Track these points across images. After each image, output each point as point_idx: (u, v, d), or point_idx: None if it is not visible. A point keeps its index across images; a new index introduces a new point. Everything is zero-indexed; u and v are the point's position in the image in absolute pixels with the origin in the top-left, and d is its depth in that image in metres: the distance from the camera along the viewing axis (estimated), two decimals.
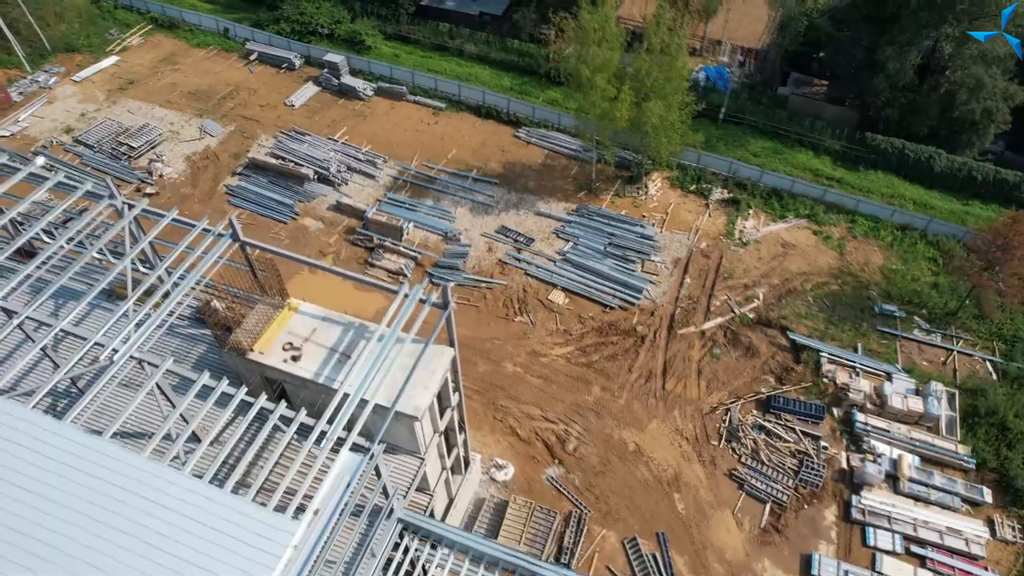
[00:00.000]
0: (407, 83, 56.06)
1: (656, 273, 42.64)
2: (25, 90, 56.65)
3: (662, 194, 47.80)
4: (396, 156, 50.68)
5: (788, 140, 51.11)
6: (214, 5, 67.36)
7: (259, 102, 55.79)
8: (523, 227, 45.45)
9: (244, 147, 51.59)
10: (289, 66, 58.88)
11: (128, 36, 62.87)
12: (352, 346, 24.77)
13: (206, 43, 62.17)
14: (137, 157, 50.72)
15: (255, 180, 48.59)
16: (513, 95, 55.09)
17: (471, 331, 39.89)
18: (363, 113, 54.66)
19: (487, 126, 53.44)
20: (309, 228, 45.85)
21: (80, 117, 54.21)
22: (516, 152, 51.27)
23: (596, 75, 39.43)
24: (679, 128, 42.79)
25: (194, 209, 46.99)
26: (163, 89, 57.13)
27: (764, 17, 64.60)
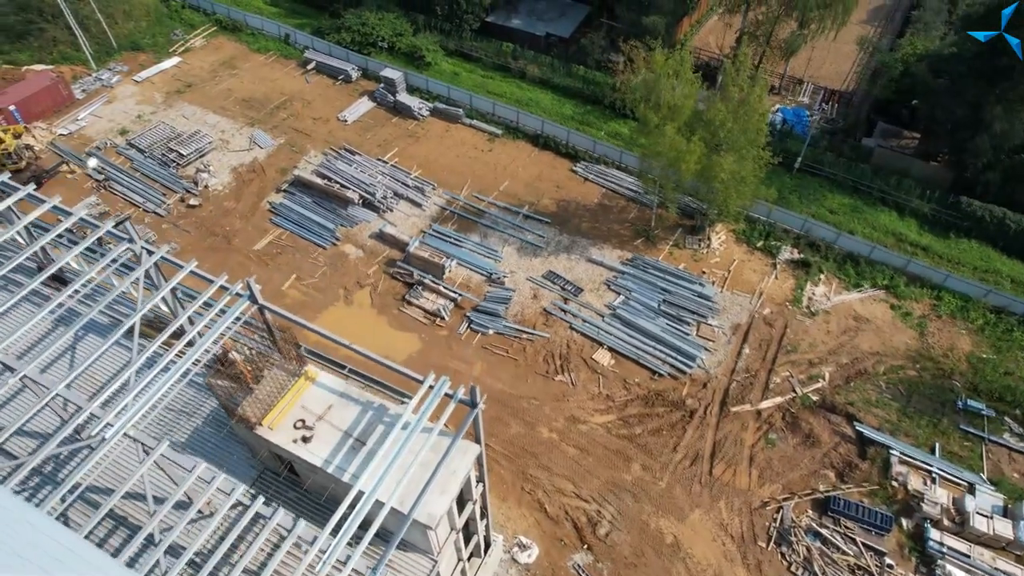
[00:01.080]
0: (464, 105, 53.77)
1: (712, 339, 39.19)
2: (88, 88, 56.63)
3: (726, 249, 44.19)
4: (446, 184, 48.42)
5: (870, 197, 46.74)
6: (278, 9, 66.50)
7: (312, 115, 54.37)
8: (572, 274, 42.56)
9: (292, 162, 50.16)
10: (346, 78, 57.32)
11: (192, 37, 62.43)
12: (368, 431, 22.40)
13: (266, 48, 61.22)
14: (185, 165, 49.86)
15: (299, 199, 47.05)
16: (574, 125, 52.19)
17: (507, 386, 37.29)
18: (416, 134, 52.60)
19: (544, 158, 50.68)
20: (349, 256, 43.99)
21: (136, 119, 53.76)
22: (572, 189, 48.37)
23: (666, 123, 36.22)
24: (751, 182, 39.22)
25: (235, 226, 45.78)
26: (219, 94, 56.30)
27: (852, 55, 59.94)
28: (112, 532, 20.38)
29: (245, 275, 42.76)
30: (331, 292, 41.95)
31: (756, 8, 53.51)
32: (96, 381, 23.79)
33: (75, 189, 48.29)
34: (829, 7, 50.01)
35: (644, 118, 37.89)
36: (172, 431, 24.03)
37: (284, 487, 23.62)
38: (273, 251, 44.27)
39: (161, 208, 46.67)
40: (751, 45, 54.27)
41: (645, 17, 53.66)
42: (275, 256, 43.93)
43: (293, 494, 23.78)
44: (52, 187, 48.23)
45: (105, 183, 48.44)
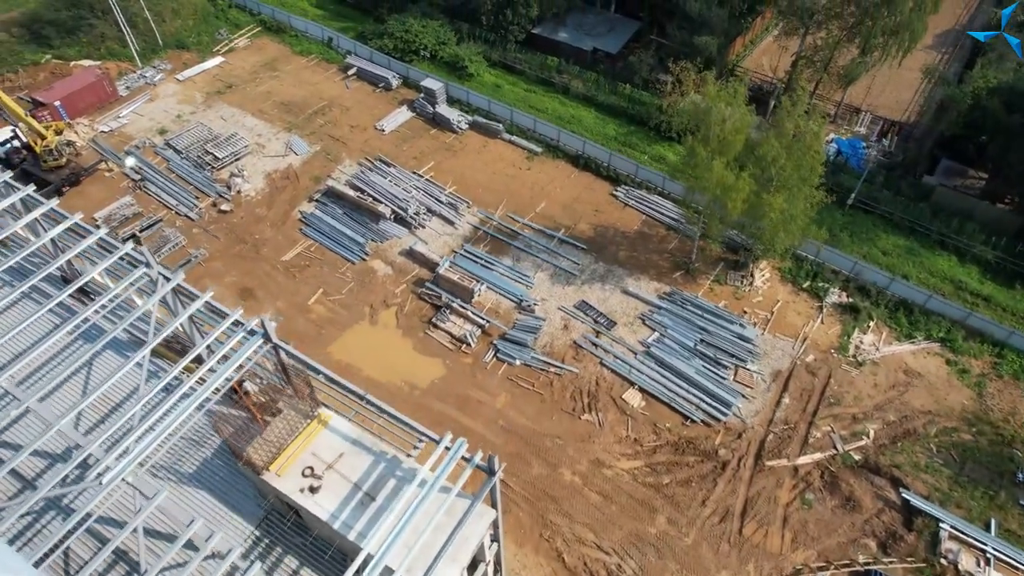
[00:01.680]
0: (504, 120, 52.33)
1: (750, 385, 37.07)
2: (132, 84, 56.75)
3: (770, 287, 41.93)
4: (481, 202, 47.06)
5: (928, 240, 43.96)
6: (323, 12, 65.98)
7: (350, 122, 53.53)
8: (606, 306, 40.80)
9: (326, 171, 49.36)
10: (386, 86, 56.38)
11: (236, 37, 62.24)
12: (379, 485, 21.06)
13: (308, 51, 60.68)
14: (220, 168, 49.44)
15: (331, 210, 46.19)
16: (616, 147, 50.35)
17: (531, 422, 35.76)
18: (454, 148, 51.35)
19: (583, 179, 48.97)
20: (377, 272, 42.93)
21: (175, 119, 53.61)
22: (611, 213, 46.57)
23: (714, 157, 34.22)
24: (801, 221, 36.96)
25: (265, 234, 45.11)
26: (258, 97, 55.87)
27: (915, 84, 56.84)
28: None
29: (273, 286, 42.28)
30: (357, 310, 40.93)
31: (815, 32, 50.93)
32: (101, 409, 22.85)
33: (112, 188, 48.21)
34: (896, 34, 47.24)
35: (691, 151, 35.93)
36: (180, 460, 23.02)
37: (291, 532, 22.47)
38: (301, 263, 43.46)
39: (193, 212, 46.26)
40: (807, 71, 51.75)
41: (697, 37, 51.55)
42: (303, 268, 43.11)
43: (299, 540, 22.59)
44: (89, 185, 48.28)
45: (141, 183, 48.27)
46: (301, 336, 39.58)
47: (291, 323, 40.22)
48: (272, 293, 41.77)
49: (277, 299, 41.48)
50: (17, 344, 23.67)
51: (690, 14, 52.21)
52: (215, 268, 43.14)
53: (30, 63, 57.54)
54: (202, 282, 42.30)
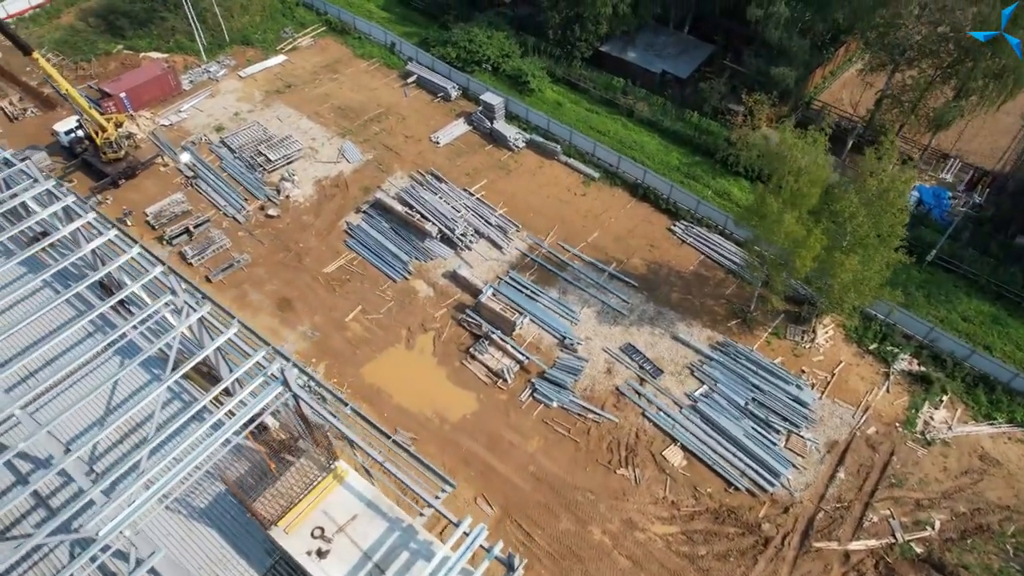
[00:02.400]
0: (563, 141, 50.36)
1: (802, 455, 34.27)
2: (196, 79, 56.99)
3: (832, 347, 38.88)
4: (531, 227, 45.25)
5: (1017, 309, 40.13)
6: (389, 14, 65.20)
7: (405, 131, 52.43)
8: (653, 351, 38.50)
9: (376, 181, 48.35)
10: (444, 96, 55.09)
11: (300, 36, 61.98)
12: (391, 558, 19.60)
13: (370, 55, 59.91)
14: (271, 171, 49.00)
15: (377, 224, 45.11)
16: (678, 178, 47.82)
17: (563, 471, 33.82)
18: (508, 167, 49.68)
19: (640, 210, 46.63)
20: (418, 293, 41.62)
21: (233, 116, 53.51)
22: (666, 250, 44.14)
23: (786, 210, 31.55)
24: (874, 282, 33.93)
25: (309, 243, 44.33)
26: (316, 99, 55.34)
27: (1013, 130, 52.42)
28: None
29: (312, 299, 41.39)
30: (394, 331, 39.70)
31: (905, 70, 47.28)
32: (110, 439, 21.92)
33: (165, 183, 48.27)
34: (999, 78, 43.31)
35: (761, 200, 33.29)
36: (193, 493, 21.95)
37: None
38: (343, 276, 42.50)
39: (240, 214, 45.87)
40: (893, 111, 48.14)
41: (774, 68, 48.52)
42: (343, 282, 42.13)
43: None
44: (145, 178, 48.47)
45: (193, 180, 48.21)
46: (335, 354, 38.59)
47: (327, 339, 39.26)
48: (310, 306, 40.91)
49: (315, 313, 40.59)
50: (43, 345, 22.92)
51: (769, 42, 49.16)
52: (257, 274, 42.55)
53: (103, 53, 58.43)
54: (242, 288, 41.83)
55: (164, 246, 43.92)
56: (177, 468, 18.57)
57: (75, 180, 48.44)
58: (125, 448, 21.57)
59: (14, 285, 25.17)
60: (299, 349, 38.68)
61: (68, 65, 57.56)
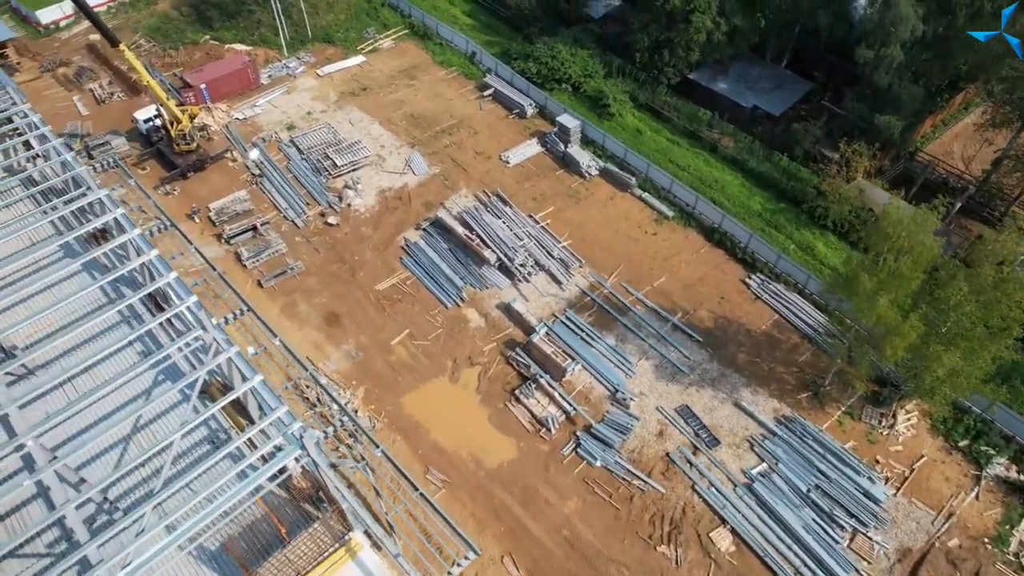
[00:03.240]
0: (639, 173, 47.61)
1: (868, 559, 30.74)
2: (274, 74, 56.95)
3: (914, 437, 34.99)
4: (595, 263, 42.82)
5: None
6: (474, 22, 63.69)
7: (476, 147, 50.76)
8: (711, 417, 35.55)
9: (440, 197, 46.86)
10: (520, 113, 53.14)
11: (382, 38, 61.20)
12: None
13: (449, 63, 58.52)
14: (336, 176, 48.19)
15: (435, 243, 43.61)
16: (759, 225, 44.44)
17: (598, 539, 31.43)
18: (578, 195, 47.31)
19: (713, 256, 43.49)
20: (469, 323, 39.86)
21: (305, 116, 53.09)
22: (738, 304, 40.92)
23: (880, 291, 28.11)
24: (975, 377, 30.03)
25: (365, 256, 43.22)
26: (389, 104, 54.33)
27: None
28: None
29: (360, 316, 40.17)
30: (439, 361, 38.09)
31: None
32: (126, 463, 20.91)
33: (232, 179, 48.17)
34: None
35: (853, 275, 29.89)
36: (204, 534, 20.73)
37: None
38: (394, 296, 41.18)
39: (300, 219, 45.21)
40: (1015, 174, 43.33)
41: (879, 115, 44.39)
42: (394, 302, 40.80)
43: None
44: (213, 172, 48.49)
45: (259, 179, 47.90)
46: (377, 378, 37.29)
47: (370, 361, 38.01)
48: (358, 323, 39.75)
49: (362, 331, 39.40)
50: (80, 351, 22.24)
51: (876, 86, 45.03)
52: (308, 284, 41.72)
53: (190, 42, 59.22)
54: (292, 297, 41.06)
55: (222, 244, 43.67)
56: (185, 527, 17.29)
57: (148, 168, 48.97)
58: (142, 476, 20.55)
59: (66, 283, 24.78)
60: (340, 369, 37.57)
61: (157, 52, 58.56)
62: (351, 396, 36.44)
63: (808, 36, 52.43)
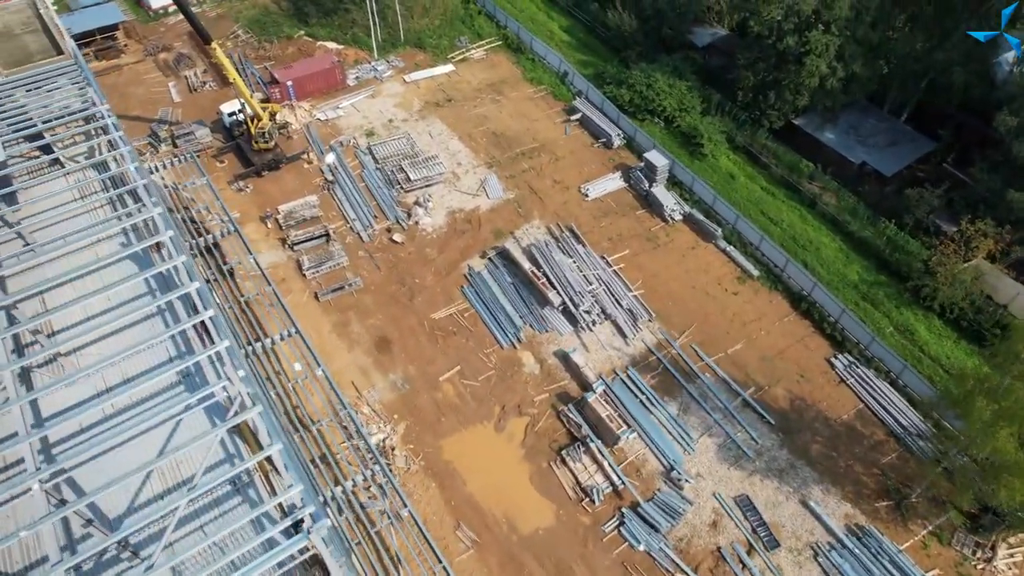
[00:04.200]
0: (726, 224, 44.05)
1: None
2: (362, 76, 56.25)
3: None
4: (666, 319, 39.75)
5: None
6: (570, 39, 61.20)
7: (555, 175, 48.36)
8: (773, 514, 32.06)
9: (511, 225, 44.77)
10: (606, 143, 50.35)
11: (474, 47, 59.57)
12: None
13: (539, 81, 56.28)
14: (408, 191, 46.83)
15: (499, 275, 41.57)
16: (853, 299, 40.26)
17: None
18: (657, 240, 44.20)
19: (798, 328, 39.62)
20: (523, 367, 37.64)
21: (386, 123, 52.05)
22: (819, 386, 37.03)
23: (1001, 422, 24.09)
24: None
25: (426, 280, 41.64)
26: (472, 119, 52.59)
27: None
28: None
29: (412, 344, 38.50)
30: (487, 406, 36.06)
31: None
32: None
33: (305, 181, 47.60)
34: None
35: (967, 396, 25.84)
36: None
37: None
38: (449, 327, 39.40)
39: (366, 232, 44.06)
40: None
41: (1013, 191, 39.28)
42: (448, 335, 39.01)
43: None
44: (287, 172, 48.09)
45: (331, 185, 47.11)
46: (420, 415, 35.60)
47: (415, 396, 36.37)
48: (408, 353, 38.19)
49: (412, 362, 37.82)
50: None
51: (1016, 156, 39.76)
52: (364, 303, 40.49)
53: (285, 36, 59.34)
54: (346, 315, 39.92)
55: (285, 249, 43.02)
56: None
57: (226, 161, 49.03)
58: (155, 507, 19.29)
59: (118, 290, 23.82)
60: (384, 400, 36.09)
61: (252, 44, 58.95)
62: (391, 431, 34.92)
63: (939, 90, 47.25)
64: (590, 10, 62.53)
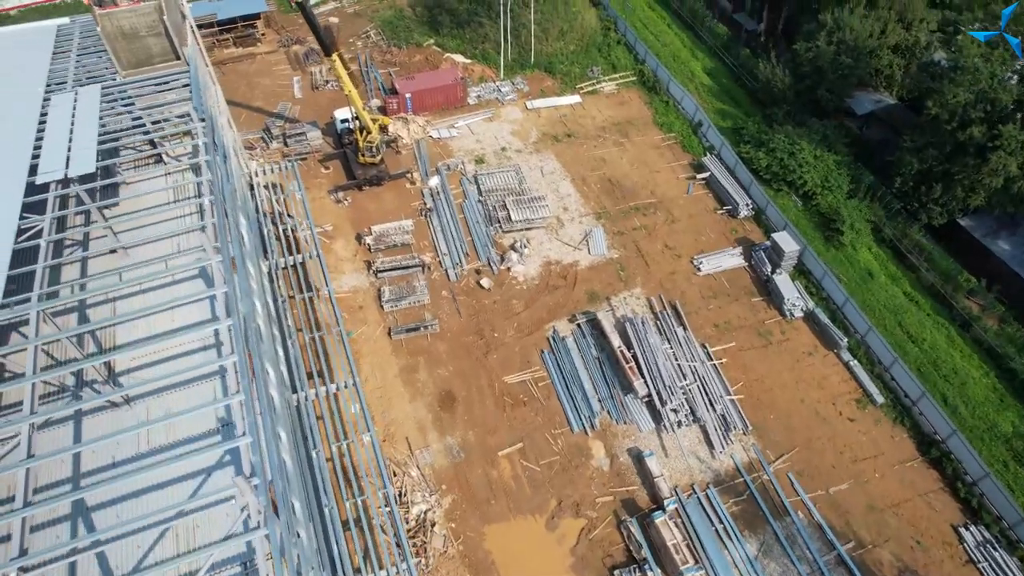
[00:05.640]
0: (855, 335, 38.11)
1: None
2: (483, 96, 53.90)
3: None
4: (763, 435, 34.66)
5: None
6: (712, 84, 56.04)
7: (668, 238, 43.92)
8: None
9: (609, 289, 40.88)
10: (732, 211, 45.26)
11: (606, 80, 55.73)
12: None
13: (669, 127, 51.71)
14: (507, 232, 43.91)
15: (585, 346, 37.86)
16: (1002, 457, 33.62)
17: None
18: (770, 336, 38.93)
19: (923, 479, 33.37)
20: (591, 459, 33.82)
21: (499, 151, 49.36)
22: (937, 561, 30.80)
23: None
24: None
25: (506, 336, 38.59)
26: (589, 161, 48.92)
27: None
28: None
29: (477, 406, 35.45)
30: (543, 496, 32.61)
31: None
32: None
33: (403, 202, 45.76)
34: None
35: None
36: None
37: None
38: (520, 395, 36.19)
39: (454, 270, 41.55)
40: None
41: None
42: (518, 404, 35.81)
43: None
44: (389, 190, 46.50)
45: (429, 211, 44.95)
46: (469, 491, 32.68)
47: (469, 467, 33.48)
48: (472, 415, 35.34)
49: (473, 426, 34.94)
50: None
51: None
52: (436, 350, 37.99)
53: (414, 44, 57.99)
54: (416, 359, 37.59)
55: (369, 273, 41.26)
56: None
57: (331, 168, 48.11)
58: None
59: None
60: (436, 465, 33.42)
61: (381, 47, 57.95)
62: (436, 503, 32.20)
63: None
64: (740, 55, 57.01)
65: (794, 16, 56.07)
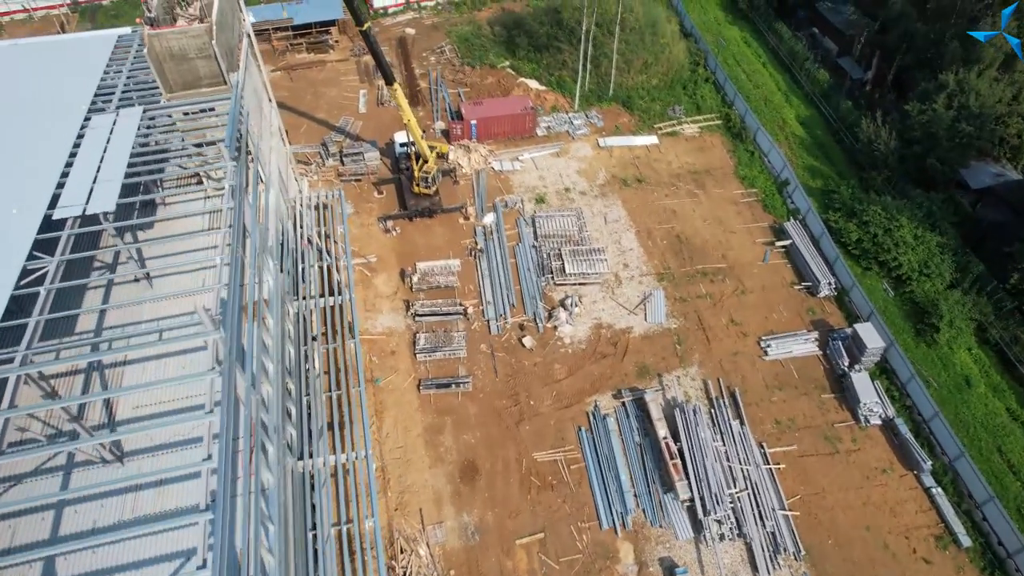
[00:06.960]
0: (942, 458, 33.07)
1: None
2: (553, 127, 50.74)
3: None
4: (817, 563, 30.26)
5: None
6: (806, 135, 51.02)
7: (735, 312, 39.70)
8: None
9: (661, 366, 37.12)
10: (811, 288, 40.58)
11: (688, 121, 51.56)
12: None
13: (752, 181, 47.22)
14: (559, 285, 40.69)
15: (626, 430, 34.31)
16: None
17: None
18: (838, 443, 34.31)
19: None
20: (618, 563, 30.26)
21: (562, 191, 46.17)
22: None
23: None
24: None
25: (542, 406, 35.45)
26: (658, 212, 45.08)
27: None
28: None
29: (500, 484, 32.20)
30: None
31: None
32: None
33: (453, 239, 43.19)
34: None
35: None
36: None
37: None
38: (549, 476, 33.01)
39: (496, 322, 38.64)
40: None
41: None
42: (545, 486, 32.65)
43: None
44: (441, 223, 44.12)
45: (478, 252, 42.18)
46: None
47: (482, 553, 30.58)
48: (492, 493, 32.40)
49: (492, 507, 32.00)
50: None
51: None
52: (465, 411, 35.22)
53: (488, 64, 55.27)
54: (443, 419, 34.97)
55: (407, 315, 38.87)
56: None
57: (384, 192, 46.07)
58: None
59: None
60: (446, 546, 30.68)
61: (453, 64, 55.56)
62: None
63: None
64: (840, 106, 51.66)
65: (909, 68, 50.31)
